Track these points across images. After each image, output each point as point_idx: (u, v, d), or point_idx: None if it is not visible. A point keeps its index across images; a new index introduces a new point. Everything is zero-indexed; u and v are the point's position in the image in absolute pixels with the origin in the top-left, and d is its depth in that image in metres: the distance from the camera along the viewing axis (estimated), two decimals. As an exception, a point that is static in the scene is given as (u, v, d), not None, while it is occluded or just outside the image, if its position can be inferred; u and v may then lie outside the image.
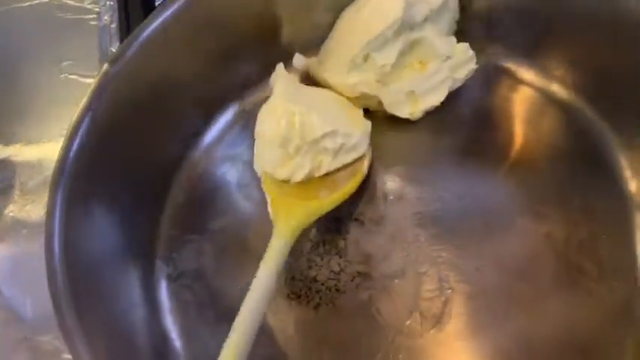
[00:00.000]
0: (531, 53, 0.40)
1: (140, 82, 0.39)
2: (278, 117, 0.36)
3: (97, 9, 0.53)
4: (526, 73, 0.40)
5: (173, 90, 0.41)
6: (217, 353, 0.36)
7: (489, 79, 0.40)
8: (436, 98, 0.38)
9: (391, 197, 0.39)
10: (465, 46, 0.38)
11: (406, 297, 0.36)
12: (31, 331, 0.40)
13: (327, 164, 0.37)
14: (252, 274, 0.38)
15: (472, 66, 0.38)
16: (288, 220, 0.36)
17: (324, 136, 0.36)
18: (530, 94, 0.40)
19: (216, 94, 0.43)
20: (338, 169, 0.38)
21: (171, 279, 0.39)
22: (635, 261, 0.34)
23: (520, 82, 0.40)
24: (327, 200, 0.37)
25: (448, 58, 0.37)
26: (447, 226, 0.38)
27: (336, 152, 0.37)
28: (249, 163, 0.42)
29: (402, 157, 0.40)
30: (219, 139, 0.43)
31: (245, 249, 0.40)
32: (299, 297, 0.37)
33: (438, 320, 0.35)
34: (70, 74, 0.50)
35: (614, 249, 0.35)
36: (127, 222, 0.39)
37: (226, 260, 0.40)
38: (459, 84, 0.38)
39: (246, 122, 0.44)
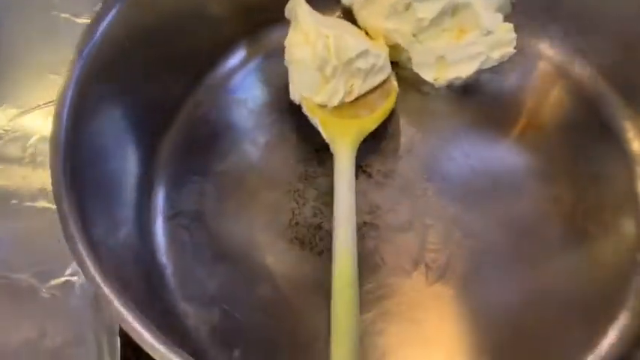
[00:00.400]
0: (563, 31, 0.40)
1: (147, 16, 0.37)
2: (313, 41, 0.36)
3: None
4: (549, 50, 0.41)
5: (179, 28, 0.39)
6: (214, 293, 0.35)
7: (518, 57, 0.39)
8: (465, 70, 0.38)
9: (401, 151, 0.39)
10: (509, 26, 0.37)
11: (412, 248, 0.36)
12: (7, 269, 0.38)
13: (358, 87, 0.37)
14: (253, 217, 0.38)
15: (510, 49, 0.37)
16: (346, 137, 0.36)
17: (359, 55, 0.36)
18: (550, 69, 0.40)
19: (224, 36, 0.42)
20: (368, 92, 0.38)
21: (168, 217, 0.38)
22: (638, 222, 0.35)
23: (546, 60, 0.41)
24: (374, 116, 0.38)
25: (489, 33, 0.37)
26: (455, 183, 0.38)
27: (367, 73, 0.37)
28: (254, 108, 0.42)
29: (416, 115, 0.40)
30: (222, 82, 0.42)
31: (248, 192, 0.38)
32: (302, 243, 0.37)
33: (443, 274, 0.35)
34: (62, 13, 0.48)
35: (619, 214, 0.36)
36: (127, 153, 0.37)
37: (227, 202, 0.38)
38: (491, 63, 0.38)
39: (252, 69, 0.43)
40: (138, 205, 0.37)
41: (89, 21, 0.34)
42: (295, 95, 0.38)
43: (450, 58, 0.38)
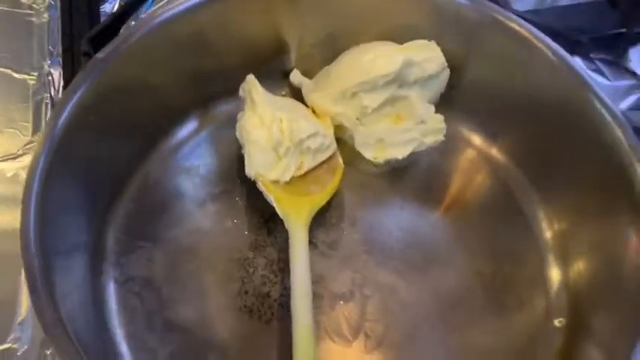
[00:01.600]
0: (484, 123, 0.45)
1: (109, 84, 0.38)
2: (268, 124, 0.39)
3: (33, 4, 0.52)
4: (475, 138, 0.46)
5: (137, 95, 0.41)
6: (165, 361, 0.36)
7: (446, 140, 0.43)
8: (401, 152, 0.42)
9: (344, 224, 0.42)
10: (440, 117, 0.42)
11: (352, 318, 0.39)
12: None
13: (308, 163, 0.41)
14: (203, 285, 0.39)
15: (440, 137, 0.42)
16: (299, 214, 0.39)
17: (309, 136, 0.40)
18: (473, 154, 0.45)
19: (179, 105, 0.44)
20: (316, 167, 0.42)
21: (119, 283, 0.39)
22: (547, 296, 0.40)
23: (469, 144, 0.46)
24: (324, 192, 0.41)
25: (423, 122, 0.41)
26: (392, 255, 0.41)
27: (316, 151, 0.41)
28: (205, 177, 0.44)
29: (357, 189, 0.44)
30: (174, 150, 0.44)
31: (197, 260, 0.40)
32: (251, 311, 0.39)
33: (381, 342, 0.38)
34: (1, 67, 0.48)
35: (531, 289, 0.41)
36: (78, 219, 0.38)
37: (176, 270, 0.40)
38: (423, 147, 0.42)
39: (203, 138, 0.45)
40: (91, 270, 0.38)
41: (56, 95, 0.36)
42: (251, 172, 0.40)
43: (389, 140, 0.42)
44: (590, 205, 0.40)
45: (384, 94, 0.41)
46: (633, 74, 0.56)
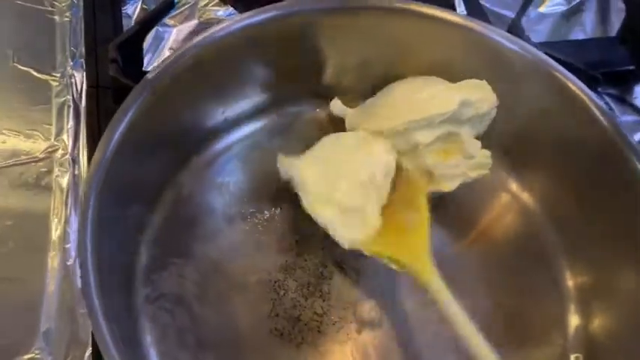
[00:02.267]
0: (518, 166, 0.46)
1: (156, 103, 0.38)
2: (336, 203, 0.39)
3: (54, 2, 0.50)
4: (508, 180, 0.47)
5: (178, 113, 0.41)
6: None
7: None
8: (448, 186, 0.42)
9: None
10: (487, 153, 0.42)
11: (380, 345, 0.40)
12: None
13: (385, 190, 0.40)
14: (234, 304, 0.40)
15: (486, 171, 0.43)
16: (419, 259, 0.38)
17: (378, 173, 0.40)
18: (505, 195, 0.46)
19: (215, 121, 0.44)
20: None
21: (150, 299, 0.39)
22: (566, 335, 0.42)
23: (501, 184, 0.47)
24: (422, 220, 0.40)
25: (471, 157, 0.42)
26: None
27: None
28: (235, 195, 0.44)
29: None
30: (208, 164, 0.44)
31: (228, 279, 0.41)
32: (282, 334, 0.39)
33: (407, 374, 0.39)
34: (22, 65, 0.47)
35: (550, 325, 0.42)
36: (116, 237, 0.38)
37: (207, 288, 0.40)
38: (468, 180, 0.43)
39: (236, 154, 0.45)
40: (124, 287, 0.38)
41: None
42: (345, 244, 0.39)
43: (437, 173, 0.42)
44: (617, 262, 0.41)
45: (437, 132, 0.41)
46: (639, 111, 0.58)
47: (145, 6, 0.54)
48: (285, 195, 0.43)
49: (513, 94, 0.44)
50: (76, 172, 0.42)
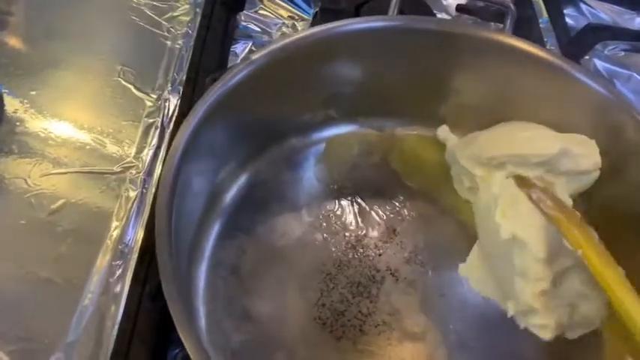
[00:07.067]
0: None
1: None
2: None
3: (171, 28, 0.51)
4: None
5: (280, 95, 0.44)
6: (236, 348, 0.38)
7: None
8: None
9: (428, 266, 0.43)
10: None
11: (421, 357, 0.39)
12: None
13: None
14: (284, 286, 0.41)
15: None
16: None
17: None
18: None
19: (304, 120, 0.47)
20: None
21: (210, 266, 0.41)
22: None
23: None
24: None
25: None
26: (466, 307, 0.42)
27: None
28: (305, 189, 0.46)
29: (451, 239, 0.45)
30: (287, 157, 0.47)
31: (283, 261, 0.42)
32: (324, 324, 0.40)
33: (443, 391, 0.39)
34: (125, 81, 0.47)
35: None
36: (197, 200, 0.41)
37: (263, 265, 0.42)
38: None
39: (314, 153, 0.48)
40: (190, 249, 0.40)
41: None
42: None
43: None
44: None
45: (531, 172, 0.41)
46: None
47: (254, 48, 0.54)
48: (349, 197, 0.46)
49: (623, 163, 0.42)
50: (144, 190, 0.41)
